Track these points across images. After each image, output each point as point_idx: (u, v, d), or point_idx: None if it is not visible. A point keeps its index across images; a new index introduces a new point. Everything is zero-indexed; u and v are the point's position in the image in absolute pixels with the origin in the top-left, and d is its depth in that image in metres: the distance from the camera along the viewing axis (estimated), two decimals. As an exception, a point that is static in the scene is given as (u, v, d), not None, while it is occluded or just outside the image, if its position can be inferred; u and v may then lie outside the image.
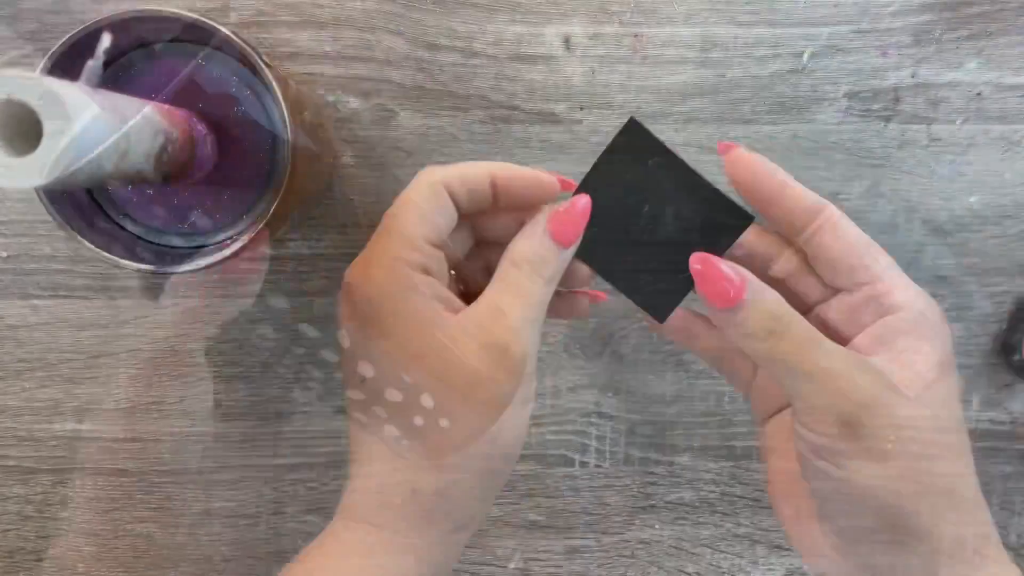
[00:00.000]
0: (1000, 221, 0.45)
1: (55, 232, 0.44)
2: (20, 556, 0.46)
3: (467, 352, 0.28)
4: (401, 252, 0.28)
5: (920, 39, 0.44)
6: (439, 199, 0.29)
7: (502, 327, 0.28)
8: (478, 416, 0.28)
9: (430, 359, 0.28)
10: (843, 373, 0.27)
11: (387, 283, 0.28)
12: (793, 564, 0.47)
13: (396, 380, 0.28)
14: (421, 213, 0.29)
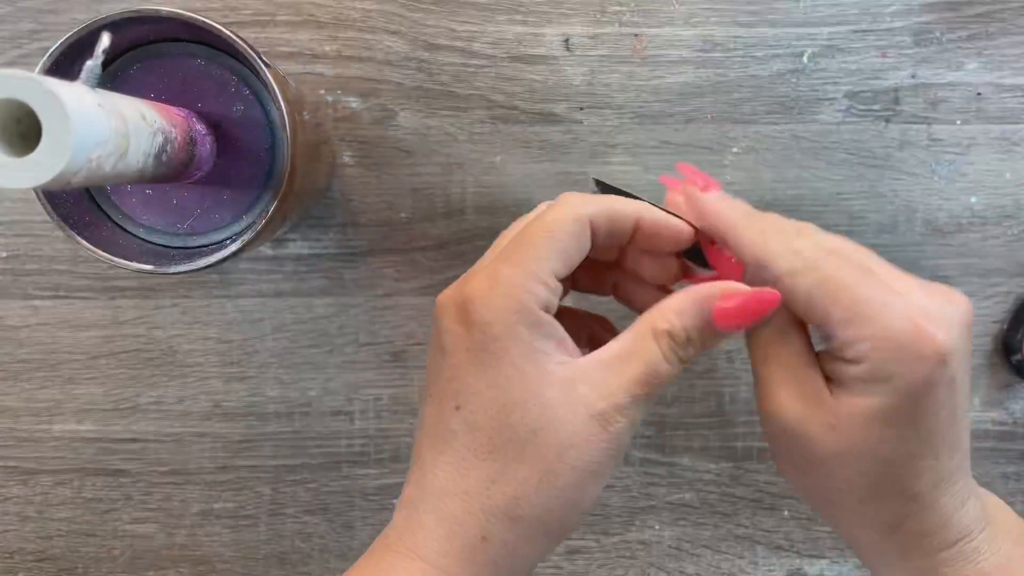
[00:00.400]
0: (1000, 221, 0.45)
1: (55, 232, 0.44)
2: (20, 557, 0.46)
3: (568, 412, 0.27)
4: (531, 285, 0.27)
5: (920, 39, 0.44)
6: (582, 235, 0.28)
7: (610, 401, 0.27)
8: (565, 479, 0.27)
9: (533, 409, 0.27)
10: (779, 395, 0.29)
11: (510, 314, 0.27)
12: (794, 565, 0.47)
13: (491, 419, 0.27)
14: (560, 248, 0.28)
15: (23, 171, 0.24)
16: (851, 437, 0.27)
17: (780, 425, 0.29)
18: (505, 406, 0.27)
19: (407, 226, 0.44)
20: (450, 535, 0.27)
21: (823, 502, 0.30)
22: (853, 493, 0.28)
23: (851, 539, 0.31)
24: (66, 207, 0.34)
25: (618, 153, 0.44)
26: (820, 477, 0.29)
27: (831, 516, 0.31)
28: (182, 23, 0.32)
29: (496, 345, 0.27)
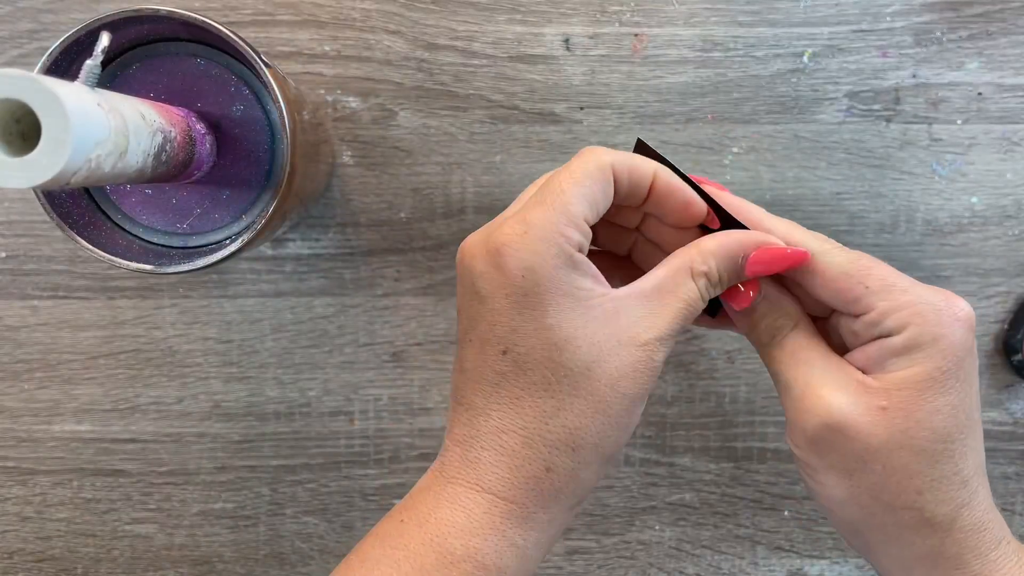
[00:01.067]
0: (1001, 221, 0.45)
1: (54, 232, 0.44)
2: (19, 557, 0.46)
3: (622, 349, 0.28)
4: (564, 228, 0.28)
5: (921, 39, 0.44)
6: (606, 182, 0.29)
7: (654, 333, 0.29)
8: (618, 407, 0.29)
9: (583, 346, 0.28)
10: (819, 392, 0.29)
11: (548, 258, 0.28)
12: (794, 565, 0.47)
13: (543, 359, 0.28)
14: (587, 193, 0.29)
15: (22, 171, 0.24)
16: (906, 413, 0.27)
17: (828, 423, 0.28)
18: (556, 345, 0.28)
19: (407, 226, 0.44)
20: (513, 468, 0.28)
21: (868, 518, 0.29)
22: (912, 482, 0.28)
23: (894, 562, 0.30)
24: (65, 207, 0.34)
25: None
26: (875, 475, 0.28)
27: (877, 534, 0.29)
28: (181, 22, 0.32)
29: (539, 288, 0.28)
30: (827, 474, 0.29)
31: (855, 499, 0.28)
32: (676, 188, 0.31)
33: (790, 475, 0.46)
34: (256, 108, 0.35)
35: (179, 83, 0.35)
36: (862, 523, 0.29)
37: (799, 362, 0.30)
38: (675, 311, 0.29)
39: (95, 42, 0.29)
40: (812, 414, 0.29)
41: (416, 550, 0.28)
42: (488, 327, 0.29)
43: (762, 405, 0.46)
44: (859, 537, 0.30)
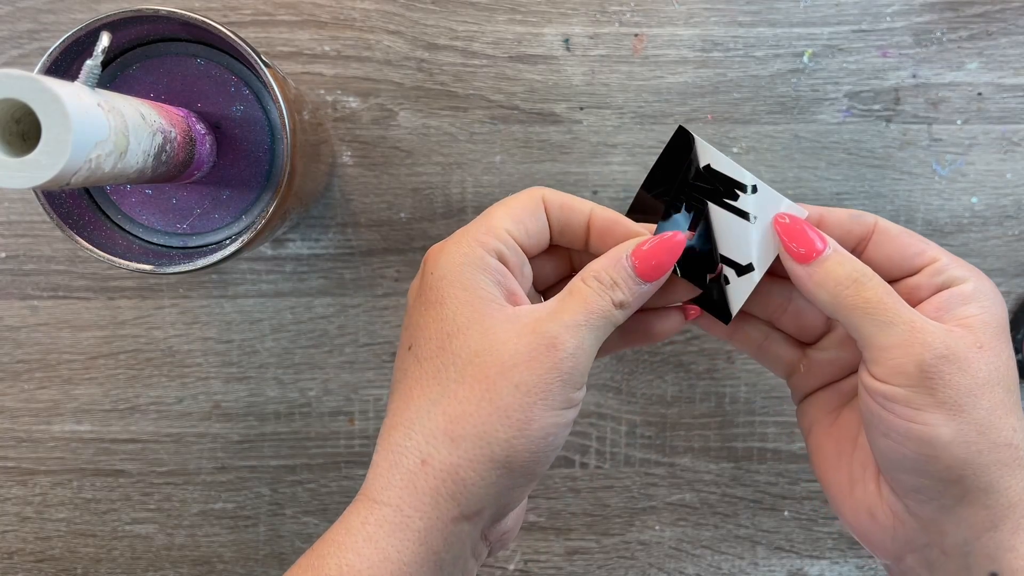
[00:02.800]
0: (1001, 221, 0.45)
1: (54, 232, 0.44)
2: (19, 558, 0.46)
3: (511, 334, 0.28)
4: (480, 235, 0.29)
5: (921, 39, 0.44)
6: (534, 208, 0.30)
7: (555, 322, 0.28)
8: (507, 398, 0.27)
9: (474, 334, 0.28)
10: (924, 325, 0.28)
11: (457, 257, 0.29)
12: (794, 565, 0.47)
13: (435, 349, 0.28)
14: (513, 213, 0.30)
15: (22, 171, 0.24)
16: (996, 351, 0.28)
17: (945, 355, 0.28)
18: (448, 334, 0.28)
19: (407, 226, 0.44)
20: (392, 465, 0.28)
21: (974, 456, 0.28)
22: (1009, 418, 0.28)
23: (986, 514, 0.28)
24: (65, 207, 0.34)
25: (618, 153, 0.44)
26: (983, 410, 0.28)
27: (979, 478, 0.28)
28: (181, 23, 0.32)
29: (442, 284, 0.29)
30: (936, 412, 0.27)
31: (963, 436, 0.27)
32: (614, 223, 0.31)
33: (790, 475, 0.46)
34: (256, 108, 0.35)
35: (179, 83, 0.35)
36: (966, 466, 0.28)
37: (896, 300, 0.29)
38: (572, 305, 0.29)
39: (95, 42, 0.29)
40: (927, 346, 0.28)
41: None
42: (403, 329, 0.30)
43: (762, 405, 0.46)
44: (951, 489, 0.28)
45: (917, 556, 0.30)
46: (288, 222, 0.38)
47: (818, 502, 0.46)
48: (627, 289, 0.30)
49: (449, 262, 0.29)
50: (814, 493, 0.46)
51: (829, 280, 0.29)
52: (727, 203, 0.32)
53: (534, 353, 0.28)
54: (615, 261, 0.30)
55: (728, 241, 0.32)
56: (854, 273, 0.29)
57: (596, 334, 0.29)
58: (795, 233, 0.30)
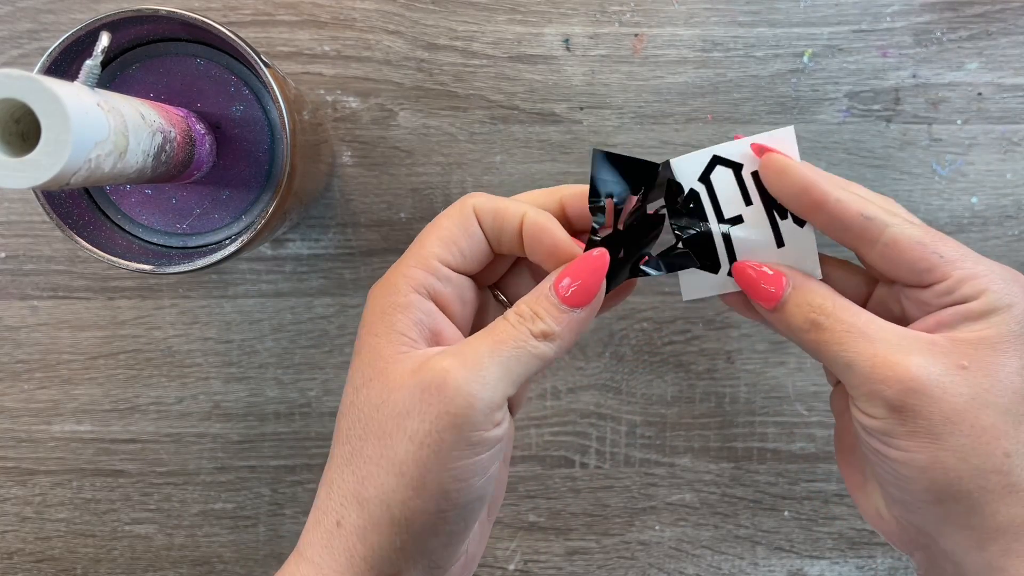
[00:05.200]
0: (1001, 222, 0.45)
1: (54, 232, 0.44)
2: (19, 558, 0.46)
3: (406, 378, 0.26)
4: (409, 270, 0.28)
5: (921, 39, 0.44)
6: (465, 223, 0.29)
7: (448, 357, 0.26)
8: (402, 453, 0.26)
9: (376, 385, 0.27)
10: (892, 359, 0.27)
11: (379, 301, 0.28)
12: (794, 566, 0.47)
13: (348, 405, 0.28)
14: (444, 236, 0.29)
15: (22, 171, 0.24)
16: (986, 370, 0.27)
17: (911, 388, 0.26)
18: (357, 388, 0.28)
19: (407, 226, 0.44)
20: (315, 523, 0.28)
21: (954, 483, 0.27)
22: (1000, 443, 0.26)
23: (971, 536, 0.27)
24: (65, 207, 0.34)
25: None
26: (963, 436, 0.26)
27: (960, 503, 0.27)
28: (181, 23, 0.32)
29: (362, 333, 0.28)
30: (911, 439, 0.27)
31: (941, 463, 0.26)
32: (546, 228, 0.29)
33: (790, 475, 0.46)
34: (256, 108, 0.35)
35: (179, 83, 0.35)
36: (945, 490, 0.27)
37: (856, 336, 0.28)
38: (481, 339, 0.27)
39: (95, 42, 0.29)
40: (890, 382, 0.27)
41: None
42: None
43: (762, 405, 0.46)
44: (933, 511, 0.27)
45: (922, 555, 0.30)
46: (288, 222, 0.38)
47: (818, 502, 0.46)
48: (552, 318, 0.28)
49: (372, 307, 0.28)
50: (814, 493, 0.46)
51: (790, 325, 0.29)
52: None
53: (424, 395, 0.26)
54: (538, 292, 0.28)
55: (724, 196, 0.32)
56: (811, 315, 0.29)
57: (507, 365, 0.27)
58: (750, 287, 0.30)
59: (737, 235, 0.32)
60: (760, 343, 0.45)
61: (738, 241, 0.32)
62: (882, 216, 0.28)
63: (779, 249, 0.31)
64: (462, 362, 0.26)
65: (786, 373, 0.45)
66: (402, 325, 0.28)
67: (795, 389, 0.46)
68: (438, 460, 0.26)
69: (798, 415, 0.46)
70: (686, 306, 0.45)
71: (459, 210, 0.29)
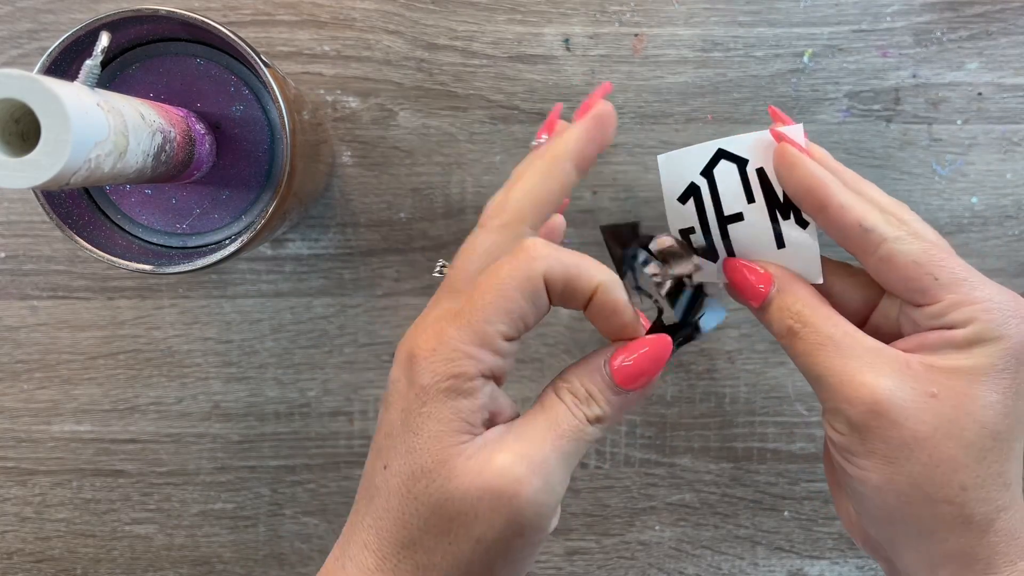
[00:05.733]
0: (1001, 222, 0.45)
1: (53, 232, 0.44)
2: (19, 558, 0.46)
3: (473, 477, 0.25)
4: (470, 348, 0.26)
5: (921, 39, 0.44)
6: (535, 293, 0.26)
7: (518, 462, 0.25)
8: (467, 553, 0.26)
9: (438, 479, 0.26)
10: (861, 378, 0.27)
11: (444, 380, 0.26)
12: (794, 566, 0.47)
13: (402, 486, 0.26)
14: (510, 308, 0.26)
15: (22, 171, 0.24)
16: (956, 403, 0.26)
17: (873, 410, 0.26)
18: (414, 474, 0.26)
19: (407, 226, 0.44)
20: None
21: (904, 507, 0.27)
22: (957, 476, 0.26)
23: (921, 558, 0.28)
24: (65, 207, 0.34)
25: (618, 153, 0.44)
26: (919, 464, 0.26)
27: (909, 526, 0.27)
28: (181, 22, 0.32)
29: (424, 410, 0.26)
30: (868, 459, 0.27)
31: (894, 486, 0.27)
32: (617, 309, 0.27)
33: (790, 475, 0.46)
34: (256, 108, 0.35)
35: (179, 83, 0.35)
36: (896, 512, 0.27)
37: (828, 351, 0.28)
38: (543, 433, 0.26)
39: (95, 42, 0.29)
40: (854, 401, 0.27)
41: None
42: (383, 437, 0.28)
43: (762, 405, 0.46)
44: (886, 528, 0.28)
45: (886, 565, 0.30)
46: (288, 222, 0.38)
47: (818, 502, 0.46)
48: (605, 401, 0.27)
49: (435, 384, 0.26)
50: (814, 493, 0.46)
51: (770, 329, 0.30)
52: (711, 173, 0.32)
53: (493, 503, 0.25)
54: (593, 368, 0.27)
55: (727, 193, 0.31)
56: (788, 321, 0.29)
57: (567, 460, 0.26)
58: (737, 283, 0.31)
59: (737, 233, 0.31)
60: (760, 343, 0.45)
61: (737, 239, 0.31)
62: (881, 229, 0.28)
63: (779, 250, 0.31)
64: (530, 467, 0.25)
65: (786, 373, 0.45)
66: (467, 412, 0.26)
67: (795, 389, 0.46)
68: (505, 561, 0.26)
69: (798, 415, 0.46)
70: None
71: (527, 276, 0.26)
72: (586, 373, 0.27)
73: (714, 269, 0.32)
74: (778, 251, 0.31)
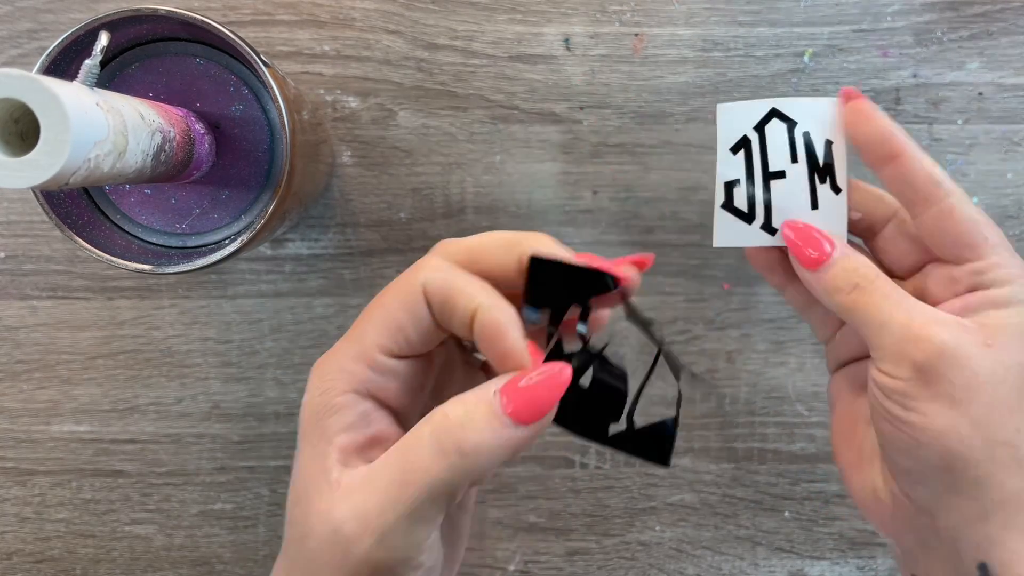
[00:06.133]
0: (1002, 222, 0.45)
1: (53, 232, 0.44)
2: (18, 558, 0.46)
3: (321, 521, 0.24)
4: (348, 363, 0.26)
5: (921, 39, 0.44)
6: (414, 308, 0.26)
7: (351, 528, 0.24)
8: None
9: (298, 512, 0.25)
10: (922, 324, 0.28)
11: (317, 396, 0.26)
12: (795, 566, 0.47)
13: (288, 516, 0.26)
14: (388, 320, 0.26)
15: (21, 171, 0.24)
16: (1010, 353, 0.28)
17: (942, 351, 0.28)
18: (291, 499, 0.26)
19: (407, 226, 0.44)
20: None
21: (965, 451, 0.28)
22: (1013, 418, 0.28)
23: (973, 507, 0.28)
24: (64, 207, 0.34)
25: (618, 153, 0.44)
26: (981, 406, 0.28)
27: (968, 472, 0.28)
28: (181, 22, 0.32)
29: (303, 429, 0.26)
30: (932, 403, 0.28)
31: (956, 430, 0.28)
32: (498, 333, 0.25)
33: (790, 476, 0.46)
34: (255, 108, 0.35)
35: (178, 83, 0.35)
36: (956, 460, 0.28)
37: (894, 302, 0.29)
38: (393, 477, 0.24)
39: (94, 42, 0.29)
40: (924, 343, 0.28)
41: None
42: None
43: (762, 406, 0.46)
44: (940, 481, 0.28)
45: (914, 537, 0.30)
46: (288, 222, 0.38)
47: (818, 503, 0.46)
48: (490, 431, 0.24)
49: (312, 401, 0.26)
50: (814, 494, 0.46)
51: (832, 285, 0.30)
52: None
53: (332, 552, 0.24)
54: (478, 396, 0.25)
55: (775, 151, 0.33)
56: (855, 278, 0.30)
57: (420, 515, 0.24)
58: (805, 238, 0.31)
59: (777, 189, 0.33)
60: (760, 343, 0.45)
61: (776, 195, 0.33)
62: (947, 184, 0.30)
63: (812, 211, 0.32)
64: (363, 525, 0.24)
65: (786, 373, 0.45)
66: (334, 431, 0.25)
67: (795, 389, 0.46)
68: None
69: (798, 415, 0.46)
70: (686, 306, 0.45)
71: (407, 288, 0.26)
72: (471, 399, 0.25)
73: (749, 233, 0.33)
74: (812, 212, 0.32)
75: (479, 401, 0.25)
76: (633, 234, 0.45)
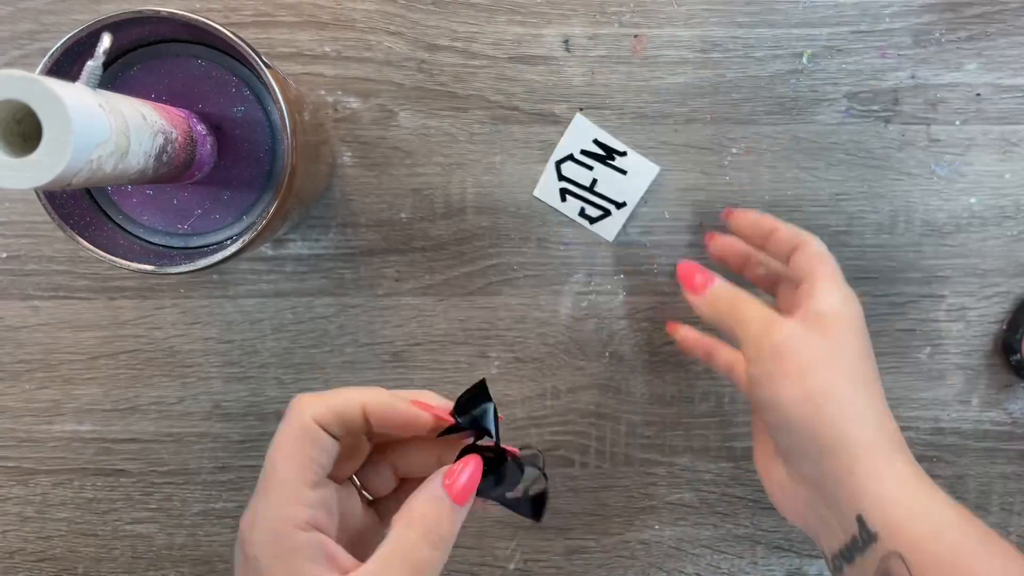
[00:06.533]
0: (1000, 222, 0.45)
1: (55, 233, 0.44)
2: (20, 557, 0.46)
3: None
4: (283, 509, 0.27)
5: (920, 40, 0.44)
6: (314, 439, 0.28)
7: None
8: None
9: None
10: (775, 319, 0.36)
11: (270, 545, 0.27)
12: (793, 564, 0.47)
13: None
14: (298, 460, 0.28)
15: (24, 171, 0.24)
16: (836, 338, 0.35)
17: (790, 335, 0.35)
18: None
19: (407, 226, 0.44)
20: None
21: (815, 414, 0.34)
22: (853, 383, 0.35)
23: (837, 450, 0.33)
24: (66, 207, 0.34)
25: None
26: (819, 378, 0.34)
27: (826, 430, 0.34)
28: (183, 24, 0.32)
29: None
30: (785, 379, 0.34)
31: (808, 396, 0.34)
32: (391, 412, 0.29)
33: (789, 475, 0.46)
34: (257, 109, 0.35)
35: (180, 84, 0.35)
36: (813, 419, 0.34)
37: (756, 307, 0.37)
38: (400, 565, 0.27)
39: (96, 43, 0.29)
40: (777, 332, 0.35)
41: None
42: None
43: (761, 405, 0.46)
44: (805, 439, 0.34)
45: (814, 515, 0.35)
46: (289, 222, 0.38)
47: (817, 502, 0.46)
48: (449, 521, 0.28)
49: (263, 553, 0.27)
50: (813, 493, 0.46)
51: (717, 304, 0.38)
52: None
53: None
54: (430, 495, 0.28)
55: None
56: (734, 299, 0.38)
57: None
58: (691, 273, 0.39)
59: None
60: (759, 343, 0.45)
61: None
62: (805, 235, 0.38)
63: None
64: None
65: (785, 373, 0.46)
66: (303, 567, 0.27)
67: (794, 389, 0.46)
68: None
69: (797, 415, 0.46)
70: (686, 306, 0.45)
71: (300, 429, 0.28)
72: (427, 502, 0.28)
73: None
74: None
75: (434, 500, 0.29)
76: (633, 234, 0.45)
